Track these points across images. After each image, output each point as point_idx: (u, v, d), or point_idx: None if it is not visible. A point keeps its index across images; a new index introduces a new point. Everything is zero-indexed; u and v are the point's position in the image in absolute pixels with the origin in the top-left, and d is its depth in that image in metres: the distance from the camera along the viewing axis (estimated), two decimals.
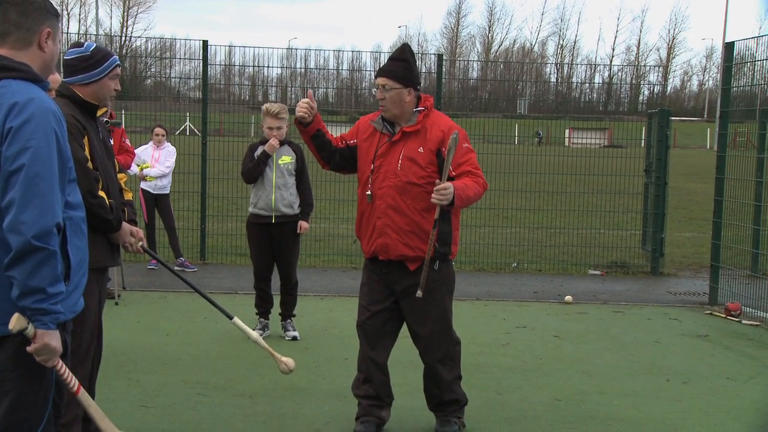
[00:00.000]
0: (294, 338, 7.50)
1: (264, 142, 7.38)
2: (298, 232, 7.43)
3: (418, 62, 5.52)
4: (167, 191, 10.84)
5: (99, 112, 4.61)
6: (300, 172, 7.42)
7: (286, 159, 7.36)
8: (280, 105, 7.38)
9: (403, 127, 5.04)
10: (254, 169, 7.32)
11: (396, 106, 5.00)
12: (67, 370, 3.12)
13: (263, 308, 7.65)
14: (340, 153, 5.23)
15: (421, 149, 4.98)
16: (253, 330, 7.11)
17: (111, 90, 4.46)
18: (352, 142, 5.24)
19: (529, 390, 6.27)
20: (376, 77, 5.11)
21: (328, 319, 8.37)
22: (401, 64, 5.04)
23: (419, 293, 4.96)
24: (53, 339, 2.95)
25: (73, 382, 3.18)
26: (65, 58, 4.37)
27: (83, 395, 3.27)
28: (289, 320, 7.63)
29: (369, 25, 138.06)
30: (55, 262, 2.90)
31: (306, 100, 5.03)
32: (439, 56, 12.56)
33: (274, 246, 7.43)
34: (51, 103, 3.04)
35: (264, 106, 7.42)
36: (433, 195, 4.81)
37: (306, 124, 5.06)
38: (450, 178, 4.88)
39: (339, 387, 6.14)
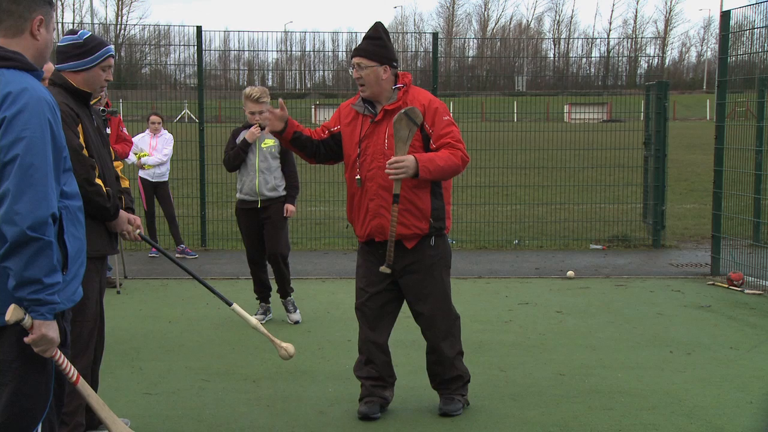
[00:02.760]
0: (296, 322, 7.48)
1: (247, 126, 7.28)
2: (284, 215, 7.33)
3: (414, 42, 5.72)
4: (166, 179, 10.84)
5: (92, 101, 4.61)
6: (284, 154, 7.28)
7: (269, 142, 7.24)
8: (261, 89, 7.17)
9: (384, 105, 5.06)
10: (235, 158, 7.25)
11: (373, 84, 5.03)
12: (66, 360, 3.12)
13: (262, 294, 7.61)
14: (325, 144, 5.21)
15: None
16: (254, 315, 7.17)
17: (101, 80, 4.47)
18: (335, 129, 5.22)
19: (532, 366, 6.28)
20: (351, 57, 5.12)
21: (330, 302, 8.37)
22: (375, 41, 5.07)
23: (384, 268, 5.03)
24: (51, 329, 2.94)
25: (72, 372, 3.17)
26: (58, 44, 4.38)
27: (83, 385, 3.27)
28: (288, 298, 7.54)
29: (365, 6, 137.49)
30: (50, 252, 2.89)
31: (273, 111, 5.01)
32: (434, 35, 12.50)
33: (261, 227, 7.38)
34: (45, 92, 3.02)
35: (244, 91, 7.23)
36: (386, 168, 4.86)
37: (280, 132, 5.05)
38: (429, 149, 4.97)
39: (342, 369, 6.14)
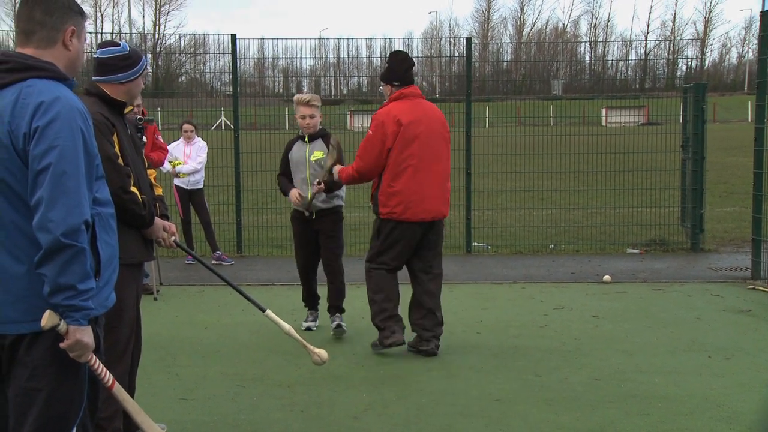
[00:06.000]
0: (338, 326, 7.32)
1: (300, 137, 7.32)
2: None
3: (450, 47, 6.40)
4: (201, 186, 10.92)
5: (126, 110, 4.69)
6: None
7: (318, 154, 7.21)
8: (311, 94, 7.29)
9: None
10: (285, 194, 7.41)
11: (386, 98, 6.76)
12: (101, 365, 3.16)
13: (311, 301, 7.65)
14: None
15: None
16: (304, 322, 7.43)
17: (140, 89, 4.60)
18: None
19: (567, 371, 6.24)
20: None
21: (364, 307, 8.30)
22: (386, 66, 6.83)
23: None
24: (85, 335, 2.99)
25: (108, 377, 3.22)
26: (101, 57, 4.43)
27: (118, 390, 3.31)
28: (337, 314, 7.47)
29: (400, 12, 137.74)
30: (84, 258, 2.94)
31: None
32: (468, 40, 12.45)
33: (318, 238, 7.36)
34: (77, 101, 3.06)
35: (295, 97, 7.31)
36: None
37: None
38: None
39: (376, 374, 6.17)
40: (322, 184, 7.04)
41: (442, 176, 6.70)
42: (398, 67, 6.70)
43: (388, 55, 6.87)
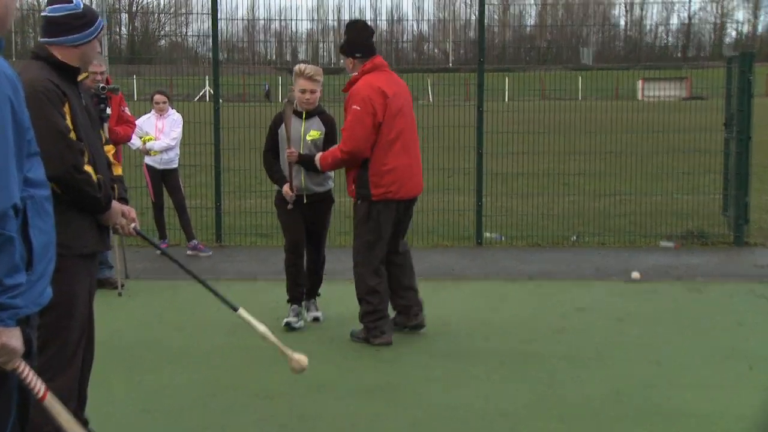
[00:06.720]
0: (315, 318, 7.74)
1: (294, 112, 7.40)
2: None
3: (466, 8, 6.52)
4: (175, 165, 10.85)
5: (80, 77, 4.61)
6: (328, 144, 7.44)
7: (315, 134, 7.42)
8: (315, 67, 7.48)
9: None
10: (272, 180, 7.63)
11: (350, 72, 7.16)
12: (31, 372, 3.09)
13: (296, 292, 7.66)
14: None
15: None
16: (287, 318, 7.47)
17: (96, 53, 4.55)
18: None
19: (586, 382, 6.19)
20: None
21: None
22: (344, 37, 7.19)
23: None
24: (13, 338, 2.92)
25: (39, 386, 3.14)
26: (51, 15, 4.38)
27: (51, 401, 3.23)
28: (313, 300, 7.86)
29: None
30: (11, 249, 2.87)
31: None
32: (481, 0, 12.26)
33: (306, 222, 7.59)
34: (5, 65, 2.99)
35: (296, 67, 7.45)
36: None
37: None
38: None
39: (367, 383, 6.15)
40: (294, 152, 7.26)
41: (418, 149, 7.24)
42: (357, 38, 7.10)
43: (345, 26, 7.41)
